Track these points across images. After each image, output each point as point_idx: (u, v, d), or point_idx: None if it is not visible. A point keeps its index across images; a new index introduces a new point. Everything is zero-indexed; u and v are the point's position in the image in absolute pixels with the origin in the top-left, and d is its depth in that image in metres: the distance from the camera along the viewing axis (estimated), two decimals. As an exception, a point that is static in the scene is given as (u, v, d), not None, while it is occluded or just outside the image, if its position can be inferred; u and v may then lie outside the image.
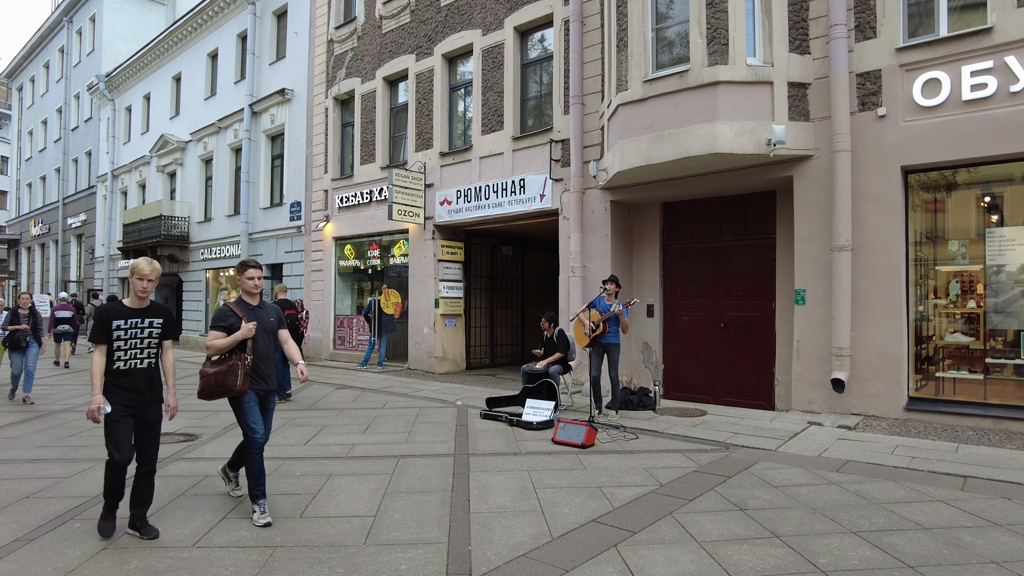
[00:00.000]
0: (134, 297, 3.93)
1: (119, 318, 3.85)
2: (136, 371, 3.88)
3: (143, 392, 3.89)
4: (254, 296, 4.39)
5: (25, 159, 35.09)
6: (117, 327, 3.82)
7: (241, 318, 4.22)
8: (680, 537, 3.86)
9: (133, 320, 3.88)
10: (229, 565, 3.50)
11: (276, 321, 4.47)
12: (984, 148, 6.65)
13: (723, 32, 7.53)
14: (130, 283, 3.92)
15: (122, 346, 3.83)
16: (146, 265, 3.89)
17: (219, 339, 4.17)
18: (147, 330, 3.92)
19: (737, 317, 8.98)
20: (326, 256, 15.13)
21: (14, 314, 9.31)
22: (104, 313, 3.88)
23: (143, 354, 3.91)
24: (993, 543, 3.70)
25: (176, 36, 21.19)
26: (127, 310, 3.89)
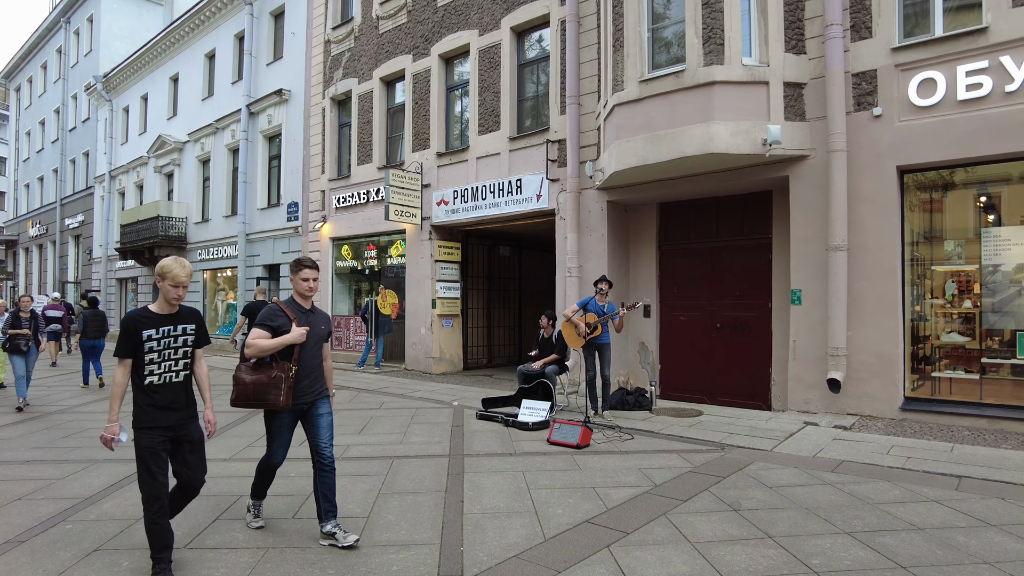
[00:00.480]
0: (163, 303, 3.45)
1: (149, 327, 3.35)
2: (172, 386, 3.44)
3: (181, 409, 3.46)
4: (307, 299, 3.92)
5: (23, 160, 35.05)
6: (148, 337, 3.34)
7: (292, 320, 3.77)
8: (673, 538, 3.85)
9: (165, 328, 3.41)
10: (220, 566, 3.49)
11: (326, 331, 4.03)
12: (979, 148, 6.65)
13: (719, 32, 7.52)
14: (160, 289, 3.42)
15: (155, 358, 3.37)
16: (181, 271, 3.38)
17: (264, 339, 3.69)
18: (180, 338, 3.47)
19: (734, 317, 8.97)
20: (323, 257, 15.11)
21: (15, 317, 9.05)
22: (132, 323, 3.35)
23: (178, 366, 3.47)
24: (986, 543, 3.70)
25: (173, 37, 21.18)
26: (157, 317, 3.41)
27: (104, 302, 25.42)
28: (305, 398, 3.82)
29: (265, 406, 3.70)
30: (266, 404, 3.68)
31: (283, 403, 3.67)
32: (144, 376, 3.37)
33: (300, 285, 3.86)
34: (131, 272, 23.69)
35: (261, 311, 3.84)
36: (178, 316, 3.50)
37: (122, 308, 25.16)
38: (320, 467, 3.82)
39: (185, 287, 3.44)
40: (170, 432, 3.40)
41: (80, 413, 8.42)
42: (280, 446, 3.87)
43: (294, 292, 3.93)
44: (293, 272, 3.90)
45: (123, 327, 3.33)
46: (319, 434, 3.86)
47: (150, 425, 3.35)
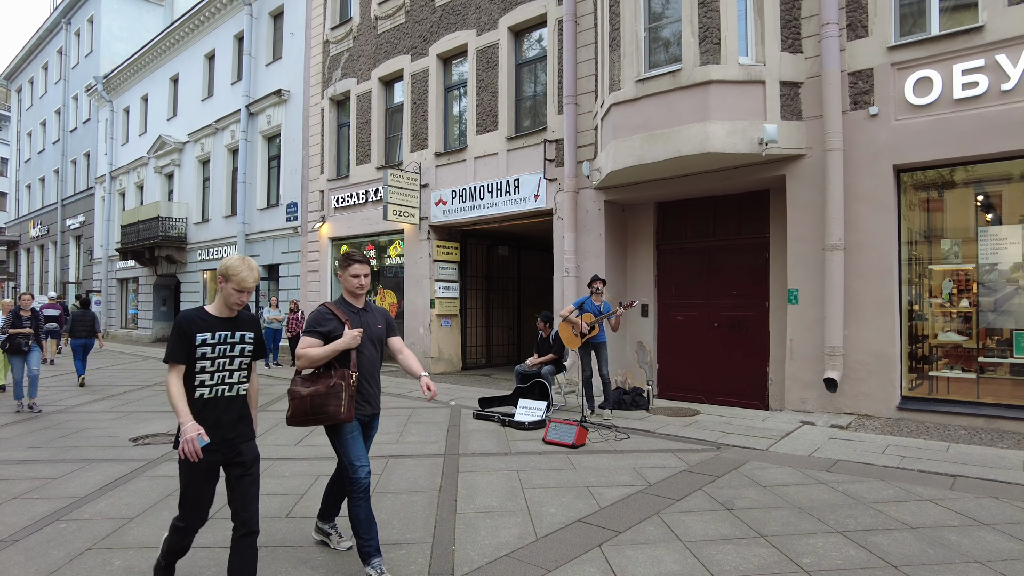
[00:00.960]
0: (221, 305, 3.00)
1: (205, 330, 2.91)
2: (224, 400, 2.97)
3: (234, 427, 2.99)
4: (359, 297, 3.52)
5: (24, 161, 35.14)
6: (203, 342, 2.89)
7: (344, 323, 3.37)
8: (665, 537, 3.85)
9: (222, 334, 2.95)
10: (212, 565, 3.50)
11: (385, 328, 3.61)
12: (975, 147, 6.65)
13: (715, 31, 7.52)
14: (221, 291, 2.98)
15: (207, 367, 2.92)
16: (249, 274, 2.92)
17: (315, 348, 3.29)
18: (238, 347, 3.00)
19: (731, 317, 8.97)
20: (322, 257, 15.13)
21: (15, 315, 8.65)
22: (186, 323, 2.91)
23: (232, 378, 3.00)
24: (978, 542, 3.69)
25: (173, 37, 21.22)
26: (215, 320, 2.96)
27: (105, 302, 25.50)
28: (367, 408, 3.45)
29: (325, 420, 3.26)
30: (326, 417, 3.25)
31: (344, 415, 3.24)
32: (194, 387, 2.91)
33: (350, 282, 3.47)
34: (132, 272, 23.74)
35: (309, 316, 3.45)
36: (237, 321, 3.03)
37: (123, 308, 25.22)
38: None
39: (250, 293, 2.99)
40: (219, 456, 2.92)
41: (78, 413, 8.44)
42: (357, 454, 3.36)
43: (344, 291, 3.56)
44: (342, 268, 3.51)
45: (176, 328, 2.90)
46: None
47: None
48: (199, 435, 2.77)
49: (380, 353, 3.56)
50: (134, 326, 24.24)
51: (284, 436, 6.83)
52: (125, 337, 24.29)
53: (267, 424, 7.46)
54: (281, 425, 7.42)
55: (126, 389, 10.73)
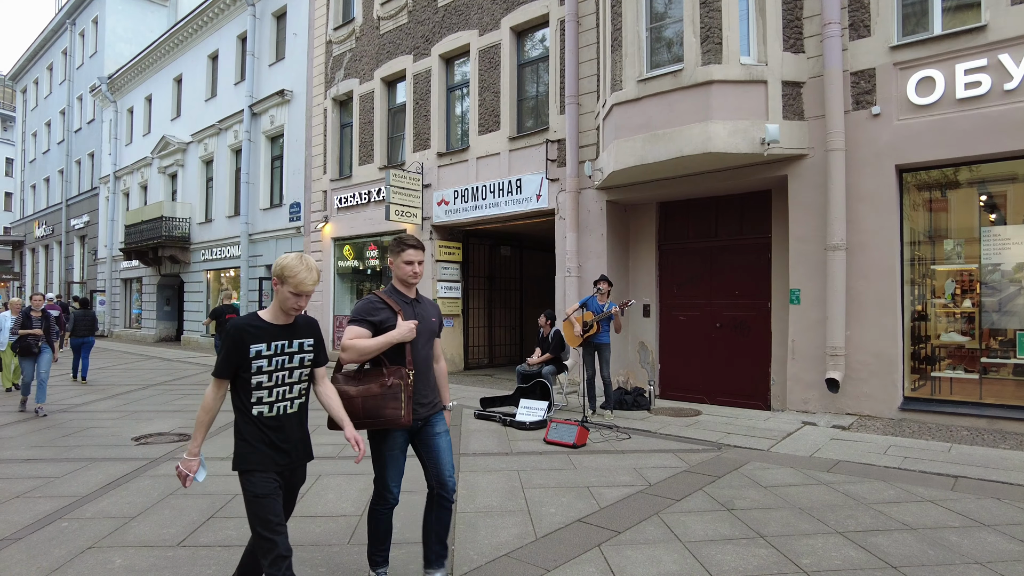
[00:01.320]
0: (276, 311, 2.68)
1: (260, 340, 2.59)
2: (285, 418, 2.67)
3: (296, 448, 2.72)
4: (411, 287, 3.15)
5: (29, 161, 35.28)
6: (258, 353, 2.58)
7: (397, 313, 3.02)
8: (664, 537, 3.85)
9: (279, 343, 2.64)
10: (212, 564, 3.51)
11: (438, 323, 3.28)
12: (978, 147, 6.63)
13: (717, 31, 7.51)
14: (276, 293, 2.65)
15: (265, 382, 2.60)
16: (308, 276, 2.60)
17: (364, 339, 2.93)
18: (297, 356, 2.70)
19: (733, 317, 8.95)
20: (325, 257, 15.15)
21: (26, 316, 8.49)
22: (238, 334, 2.57)
23: (293, 392, 2.69)
24: (979, 543, 3.68)
25: (177, 38, 21.28)
26: (270, 328, 2.64)
27: (109, 302, 25.59)
28: (421, 411, 3.07)
29: (381, 424, 2.93)
30: (382, 421, 2.91)
31: (404, 419, 2.92)
32: (251, 404, 2.61)
33: (403, 270, 3.08)
34: (135, 272, 23.81)
35: (357, 304, 3.08)
36: (294, 328, 2.71)
37: (127, 308, 25.30)
38: (440, 501, 3.13)
39: (309, 297, 2.65)
40: (283, 478, 2.68)
41: (81, 412, 8.47)
42: (394, 476, 3.08)
43: (395, 279, 3.16)
44: (393, 254, 3.12)
45: (227, 339, 2.58)
46: (440, 459, 3.14)
47: (262, 468, 2.60)
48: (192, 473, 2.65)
49: (432, 351, 3.20)
50: (138, 326, 24.32)
51: (286, 436, 6.83)
52: (129, 337, 24.37)
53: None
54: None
55: (129, 389, 10.77)
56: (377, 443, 3.06)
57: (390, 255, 3.16)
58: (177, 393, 10.09)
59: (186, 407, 8.56)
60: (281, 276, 2.59)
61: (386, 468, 3.06)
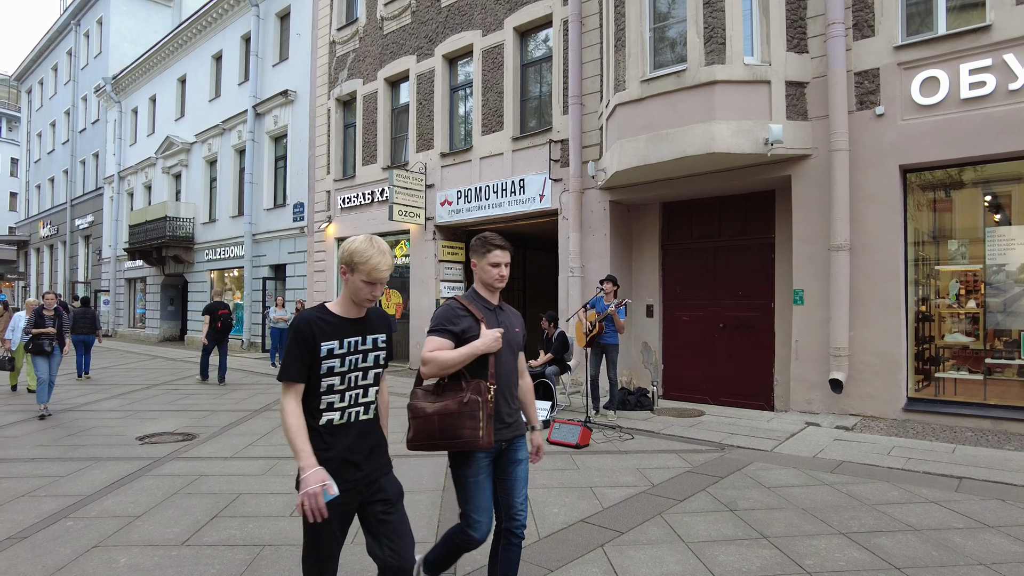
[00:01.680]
0: (347, 302, 2.33)
1: (331, 337, 2.25)
2: (358, 426, 2.32)
3: (373, 458, 2.36)
4: (495, 292, 2.82)
5: (34, 161, 35.42)
6: (329, 352, 2.24)
7: (480, 321, 2.68)
8: (668, 538, 3.85)
9: (352, 340, 2.29)
10: (216, 563, 3.53)
11: (522, 334, 2.91)
12: (983, 147, 6.61)
13: (720, 31, 7.50)
14: (346, 284, 2.31)
15: (336, 385, 2.26)
16: (382, 260, 2.25)
17: (446, 351, 2.58)
18: (371, 355, 2.36)
19: (736, 317, 8.94)
20: (328, 257, 15.18)
21: (38, 315, 8.33)
22: (307, 328, 2.22)
23: (367, 395, 2.35)
24: (983, 544, 3.68)
25: (181, 38, 21.35)
26: (341, 323, 2.30)
27: (113, 302, 25.68)
28: (505, 433, 2.70)
29: (457, 445, 2.57)
30: (459, 442, 2.55)
31: (484, 440, 2.53)
32: (319, 411, 2.24)
33: (489, 273, 2.74)
34: (139, 272, 23.88)
35: (437, 312, 2.74)
36: (367, 322, 2.36)
37: (131, 308, 25.37)
38: (509, 536, 2.75)
39: (384, 285, 2.31)
40: (355, 497, 2.29)
41: (85, 411, 8.50)
42: (481, 506, 2.66)
43: (478, 282, 2.81)
44: (477, 254, 2.77)
45: (294, 335, 2.22)
46: (514, 489, 2.75)
47: None
48: (324, 487, 2.09)
49: (516, 364, 2.84)
50: (142, 325, 24.39)
51: (289, 435, 6.84)
52: (133, 336, 24.45)
53: (271, 424, 7.50)
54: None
55: (133, 388, 10.80)
56: (458, 467, 2.67)
57: (473, 256, 2.80)
58: (181, 393, 10.12)
59: (190, 407, 8.58)
60: (350, 263, 2.25)
61: (470, 494, 2.64)
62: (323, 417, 2.24)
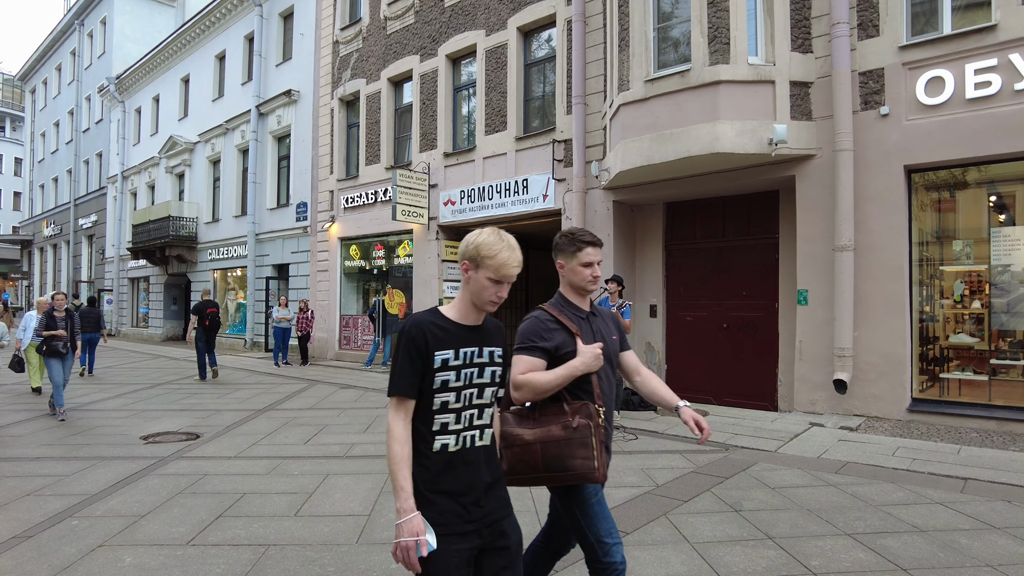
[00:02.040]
0: (466, 305, 1.97)
1: (447, 345, 1.89)
2: (474, 453, 1.93)
3: (493, 493, 1.95)
4: (586, 297, 2.46)
5: (38, 161, 35.52)
6: (444, 364, 1.88)
7: (574, 335, 2.31)
8: (672, 538, 3.84)
9: (468, 351, 1.93)
10: (221, 563, 3.53)
11: (620, 338, 2.56)
12: (988, 147, 6.59)
13: (724, 31, 7.49)
14: (468, 282, 1.95)
15: (451, 403, 1.89)
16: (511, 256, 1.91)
17: (539, 373, 2.23)
18: (488, 370, 1.97)
19: (740, 317, 8.93)
20: (331, 256, 15.20)
21: (49, 316, 8.08)
22: (419, 334, 1.87)
23: (483, 417, 1.97)
24: (989, 546, 3.66)
25: (185, 38, 21.38)
26: (458, 331, 1.94)
27: (116, 301, 25.74)
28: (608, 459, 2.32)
29: (567, 479, 2.20)
30: (570, 475, 2.19)
31: (601, 472, 2.20)
32: (432, 434, 1.88)
33: (580, 274, 2.39)
34: (143, 272, 23.94)
35: (523, 324, 2.36)
36: (484, 332, 2.00)
37: (134, 307, 25.43)
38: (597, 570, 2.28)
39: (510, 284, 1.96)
40: (475, 540, 1.88)
41: (89, 411, 8.51)
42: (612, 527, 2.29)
43: (565, 286, 2.46)
44: (565, 254, 2.43)
45: (405, 342, 1.88)
46: None
47: (443, 530, 1.82)
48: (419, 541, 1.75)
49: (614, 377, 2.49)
50: (145, 325, 24.44)
51: (293, 435, 6.86)
52: (136, 336, 24.49)
53: (274, 423, 7.51)
54: (291, 423, 7.47)
55: (136, 387, 10.82)
56: (569, 498, 2.28)
57: (558, 256, 2.45)
58: (184, 392, 10.14)
59: (193, 406, 8.60)
60: (476, 257, 1.92)
61: (595, 520, 2.25)
62: (436, 441, 1.87)
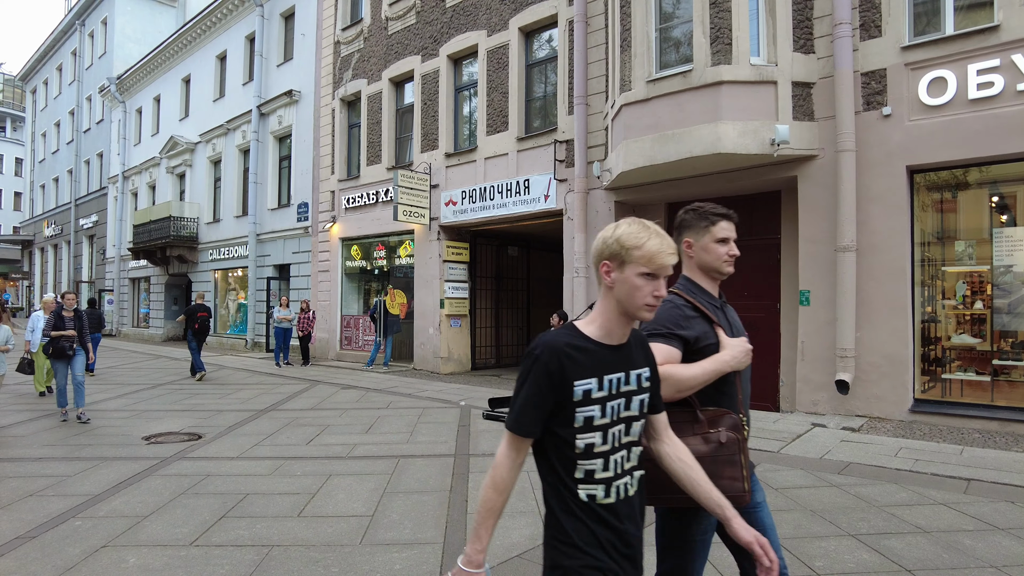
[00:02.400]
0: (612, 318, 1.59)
1: (588, 374, 1.53)
2: (626, 505, 1.58)
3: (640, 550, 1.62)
4: (717, 282, 2.13)
5: (38, 161, 35.54)
6: (585, 396, 1.52)
7: (715, 325, 2.00)
8: (676, 539, 3.84)
9: (614, 379, 1.56)
10: (225, 564, 3.53)
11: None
12: (990, 147, 6.58)
13: (727, 32, 7.49)
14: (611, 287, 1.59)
15: (598, 444, 1.54)
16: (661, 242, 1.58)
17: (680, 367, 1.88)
18: (636, 399, 1.61)
19: (742, 317, 8.72)
20: (333, 257, 15.20)
21: (58, 317, 7.82)
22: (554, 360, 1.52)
23: (630, 459, 1.61)
24: (993, 547, 3.66)
25: (186, 38, 21.39)
26: (601, 353, 1.57)
27: (117, 301, 25.75)
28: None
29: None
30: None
31: (745, 492, 1.89)
32: (576, 483, 1.53)
33: (713, 252, 2.05)
34: (143, 272, 23.95)
35: (660, 312, 1.91)
36: (628, 351, 1.62)
37: (135, 307, 25.44)
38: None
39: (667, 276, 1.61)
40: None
41: (91, 411, 8.48)
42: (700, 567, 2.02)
43: (693, 270, 2.09)
44: (694, 230, 2.07)
45: (535, 367, 1.52)
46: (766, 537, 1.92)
47: None
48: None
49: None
50: (146, 325, 24.45)
51: (295, 436, 6.86)
52: (137, 336, 24.50)
53: (276, 424, 7.51)
54: (293, 424, 7.47)
55: (138, 387, 10.82)
56: (684, 526, 1.97)
57: (686, 233, 2.09)
58: (185, 392, 10.14)
59: (195, 407, 8.60)
60: (618, 253, 1.57)
61: (691, 560, 1.98)
62: (581, 491, 1.52)
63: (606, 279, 1.60)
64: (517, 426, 1.53)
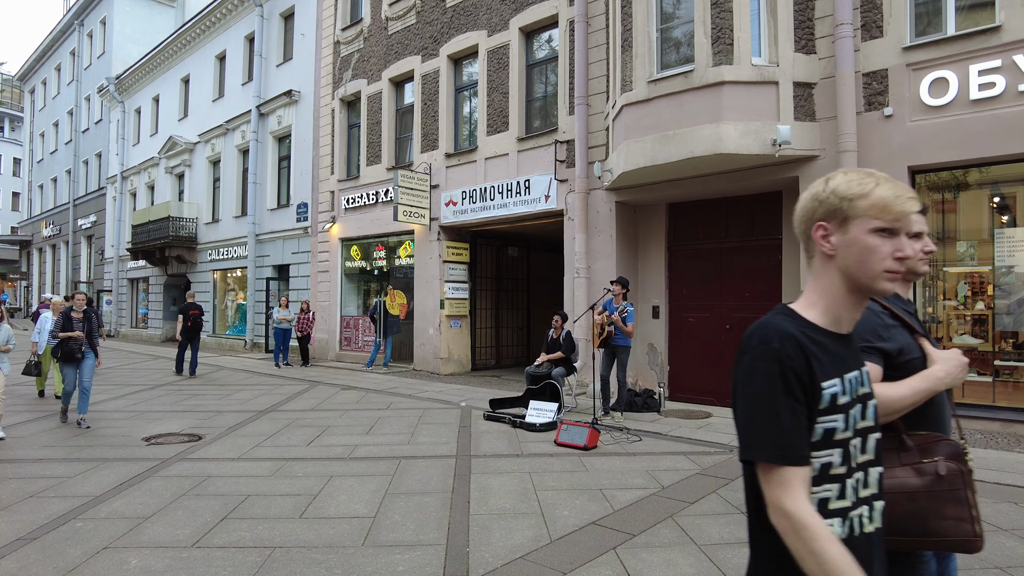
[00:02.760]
0: (838, 297, 1.26)
1: (831, 373, 1.20)
2: (866, 544, 1.23)
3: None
4: (909, 284, 2.00)
5: (37, 161, 35.47)
6: (831, 401, 1.19)
7: (916, 335, 1.75)
8: (679, 540, 3.83)
9: (852, 377, 1.24)
10: (227, 565, 3.51)
11: None
12: (992, 148, 6.58)
13: (728, 32, 7.48)
14: (836, 253, 1.23)
15: (835, 464, 1.20)
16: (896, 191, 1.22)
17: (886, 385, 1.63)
18: (872, 403, 1.28)
19: (743, 318, 8.92)
20: (332, 257, 15.18)
21: (66, 318, 7.54)
22: (795, 349, 1.18)
23: (868, 484, 1.26)
24: (997, 548, 3.65)
25: (185, 38, 21.36)
26: (833, 345, 1.24)
27: (116, 302, 25.69)
28: None
29: (930, 545, 1.60)
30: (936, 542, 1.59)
31: (980, 540, 1.58)
32: None
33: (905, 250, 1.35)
34: (142, 272, 23.89)
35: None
36: (852, 343, 1.33)
37: (134, 308, 25.39)
38: None
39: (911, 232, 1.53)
40: None
41: (90, 412, 8.45)
42: None
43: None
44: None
45: (768, 364, 1.19)
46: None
47: None
48: None
49: None
50: (144, 325, 24.39)
51: (296, 437, 6.84)
52: (135, 336, 24.45)
53: (277, 425, 7.49)
54: (293, 424, 7.45)
55: (137, 388, 10.79)
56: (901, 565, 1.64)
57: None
58: (185, 393, 10.11)
59: (195, 407, 8.57)
60: (837, 209, 1.24)
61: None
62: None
63: (824, 245, 1.25)
64: (778, 452, 1.11)
